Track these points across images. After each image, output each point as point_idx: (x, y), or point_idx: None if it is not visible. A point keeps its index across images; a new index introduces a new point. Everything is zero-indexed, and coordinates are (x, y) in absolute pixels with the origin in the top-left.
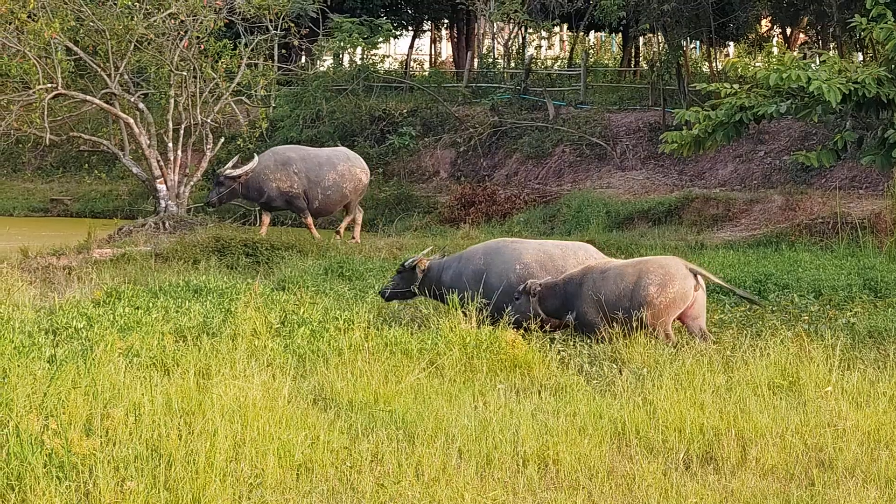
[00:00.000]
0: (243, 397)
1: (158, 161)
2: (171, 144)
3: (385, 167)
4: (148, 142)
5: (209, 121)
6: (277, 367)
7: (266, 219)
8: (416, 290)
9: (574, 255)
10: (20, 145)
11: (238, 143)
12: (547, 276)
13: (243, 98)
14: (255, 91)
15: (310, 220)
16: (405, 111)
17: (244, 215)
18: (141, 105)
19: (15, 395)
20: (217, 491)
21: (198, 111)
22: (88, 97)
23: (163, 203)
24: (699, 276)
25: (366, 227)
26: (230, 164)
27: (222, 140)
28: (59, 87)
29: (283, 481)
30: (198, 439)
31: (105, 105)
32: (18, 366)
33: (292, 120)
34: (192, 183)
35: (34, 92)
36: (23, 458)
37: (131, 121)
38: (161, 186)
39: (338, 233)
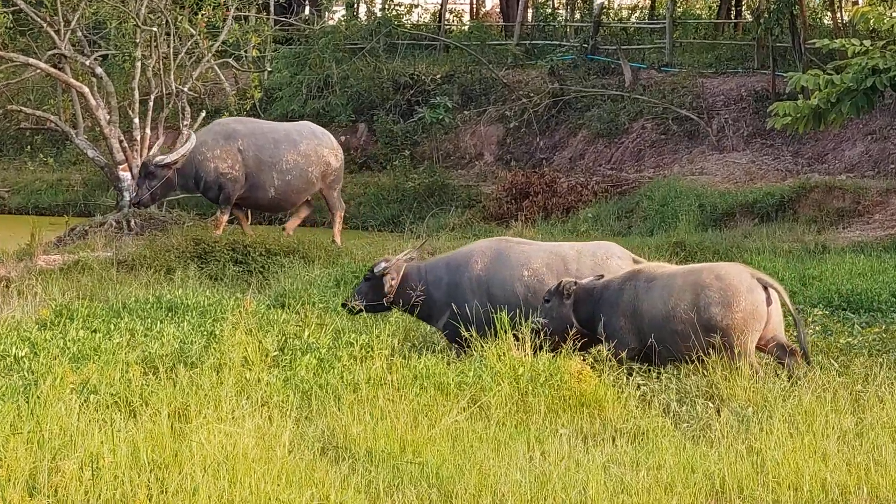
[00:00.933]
0: (231, 446)
1: (121, 142)
2: (137, 120)
3: (413, 148)
4: (108, 117)
5: (186, 90)
6: (275, 406)
7: (224, 217)
8: (389, 304)
9: (592, 258)
10: None
11: (224, 115)
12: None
13: (230, 61)
14: (246, 52)
15: (226, 216)
16: (439, 77)
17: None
18: (98, 70)
19: None
20: None
21: (172, 77)
22: (31, 60)
23: (127, 196)
24: (770, 288)
25: (389, 225)
26: (155, 148)
27: (203, 114)
28: None
29: None
30: (173, 500)
31: (52, 70)
32: None
33: (293, 88)
34: None
35: None
36: None
37: (86, 90)
38: (124, 174)
39: (284, 230)
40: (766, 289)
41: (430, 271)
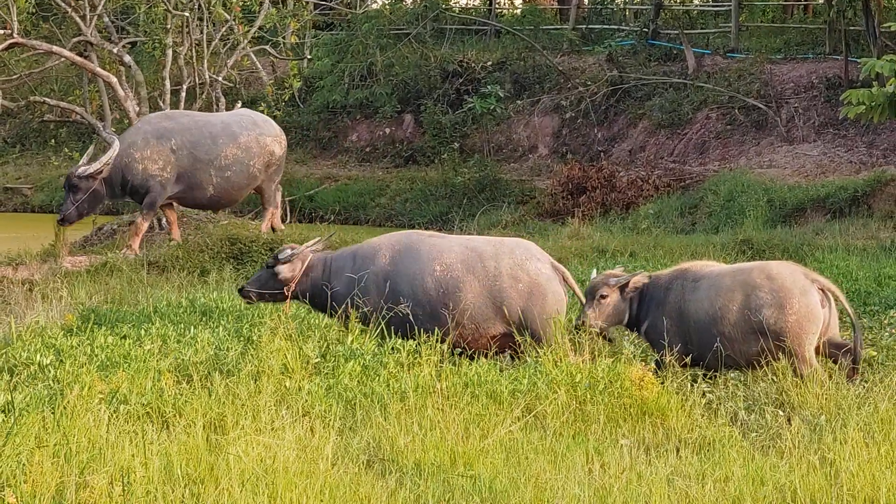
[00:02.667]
0: (270, 459)
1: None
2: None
3: (462, 141)
4: (137, 108)
5: (221, 79)
6: (317, 416)
7: (144, 224)
8: (290, 293)
9: (510, 256)
10: None
11: (261, 108)
12: (474, 281)
13: (267, 48)
14: (284, 38)
15: (146, 224)
16: (490, 64)
17: None
18: (127, 58)
19: None
20: None
21: (205, 66)
22: (55, 48)
23: None
24: (826, 289)
25: (437, 223)
26: (84, 157)
27: (240, 104)
28: (15, 35)
29: None
30: None
31: (78, 58)
32: None
33: (335, 77)
34: None
35: None
36: None
37: (113, 80)
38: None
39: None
40: (821, 290)
41: (335, 262)
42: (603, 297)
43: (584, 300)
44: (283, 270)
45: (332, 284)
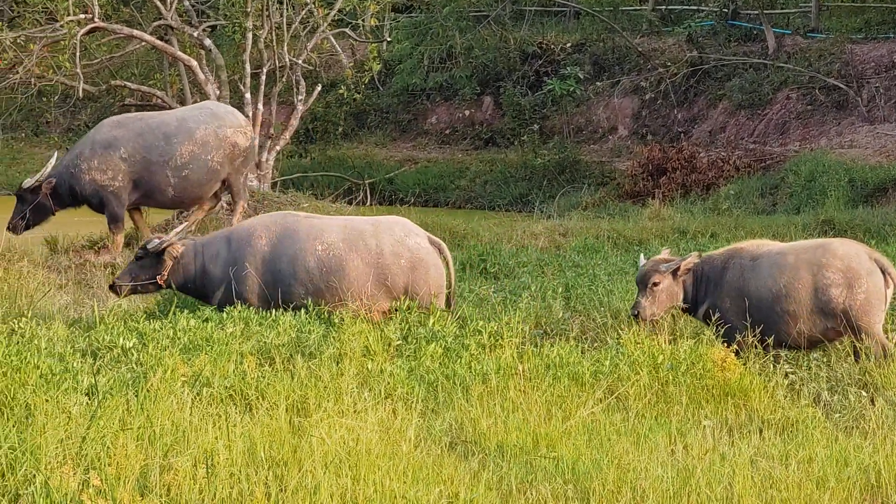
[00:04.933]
0: (353, 441)
1: None
2: (248, 95)
3: (542, 123)
4: (217, 92)
5: (301, 62)
6: (399, 399)
7: (119, 237)
8: (163, 283)
9: (390, 233)
10: (44, 99)
11: (340, 91)
12: (357, 259)
13: (347, 31)
14: (364, 21)
15: (120, 236)
16: (569, 45)
17: (349, 190)
18: (207, 41)
19: (43, 441)
20: None
21: (285, 49)
22: (136, 32)
23: None
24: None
25: (517, 205)
26: (48, 165)
27: (319, 88)
28: (96, 19)
29: None
30: (292, 498)
31: (158, 42)
32: (47, 400)
33: (414, 60)
34: (278, 148)
35: (62, 26)
36: None
37: (194, 63)
38: None
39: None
40: (883, 271)
41: (207, 247)
42: (655, 284)
43: (452, 271)
44: (149, 263)
45: (208, 268)
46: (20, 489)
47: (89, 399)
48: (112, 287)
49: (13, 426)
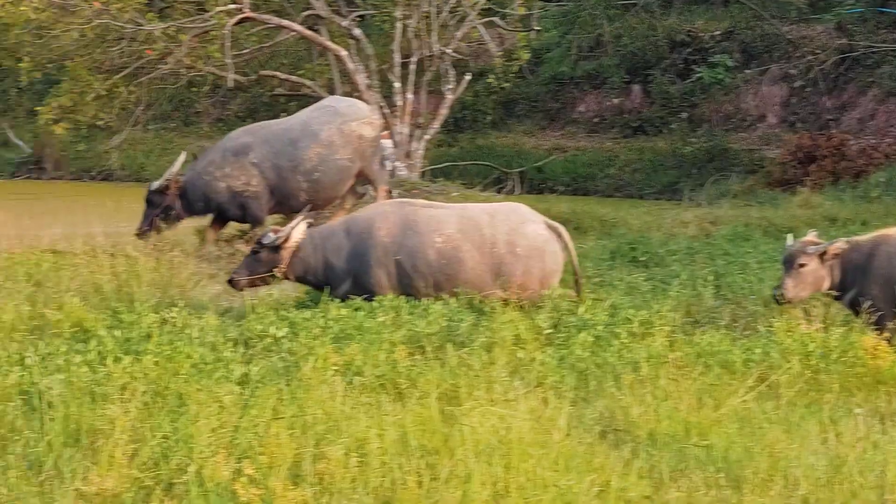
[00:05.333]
0: (505, 430)
1: (381, 107)
2: (397, 85)
3: (691, 110)
4: (367, 81)
5: (449, 51)
6: (550, 387)
7: (212, 234)
8: (281, 275)
9: (506, 222)
10: (194, 89)
11: (489, 80)
12: (473, 250)
13: (496, 20)
14: (512, 9)
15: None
16: (717, 33)
17: (498, 179)
18: (356, 31)
19: (196, 430)
20: None
21: (434, 38)
22: (285, 22)
23: (388, 164)
24: None
25: (667, 193)
26: (172, 168)
27: (468, 77)
28: (246, 9)
29: None
30: (444, 487)
31: (308, 32)
32: (199, 390)
33: (563, 49)
34: (427, 137)
35: (212, 16)
36: None
37: (343, 53)
38: (386, 142)
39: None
40: None
41: (328, 239)
42: (802, 265)
43: (574, 256)
44: (267, 257)
45: (331, 261)
46: (174, 478)
47: (241, 388)
48: (230, 282)
49: (166, 415)
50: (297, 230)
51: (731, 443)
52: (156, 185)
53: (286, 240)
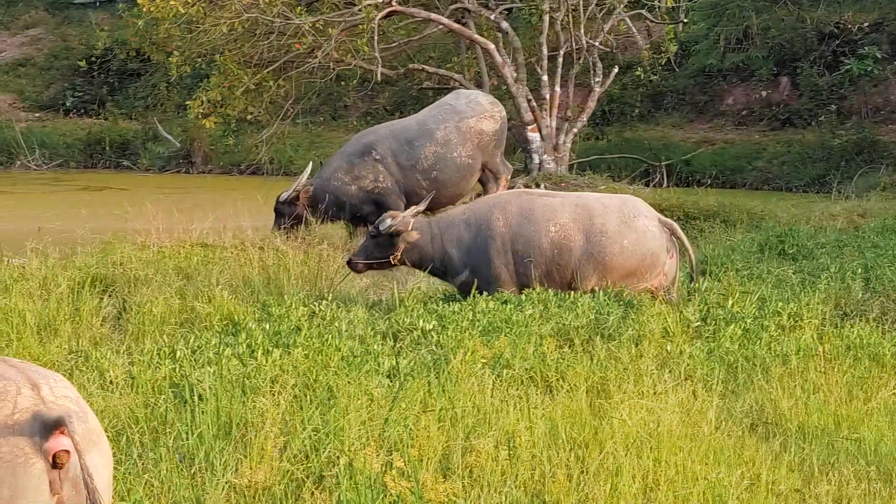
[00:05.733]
0: (654, 423)
1: (529, 101)
2: (545, 78)
3: (839, 103)
4: (514, 75)
5: (597, 44)
6: (699, 380)
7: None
8: (397, 262)
9: (618, 213)
10: (342, 83)
11: (637, 73)
12: (584, 239)
13: (643, 12)
14: (660, 2)
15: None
16: (866, 25)
17: (646, 172)
18: (504, 24)
19: (346, 423)
20: None
21: (582, 31)
22: (433, 16)
23: (536, 158)
24: None
25: (815, 185)
26: (301, 178)
27: (616, 70)
28: (394, 3)
29: None
30: (594, 480)
31: (455, 26)
32: (349, 382)
33: (710, 41)
34: (575, 130)
35: (360, 10)
36: None
37: (491, 46)
38: (533, 135)
39: None
40: None
41: (447, 229)
42: None
43: (691, 252)
44: (402, 240)
45: (448, 250)
46: (324, 470)
47: (391, 381)
48: (349, 263)
49: (316, 408)
50: (411, 216)
51: (881, 436)
52: (284, 195)
53: (403, 227)
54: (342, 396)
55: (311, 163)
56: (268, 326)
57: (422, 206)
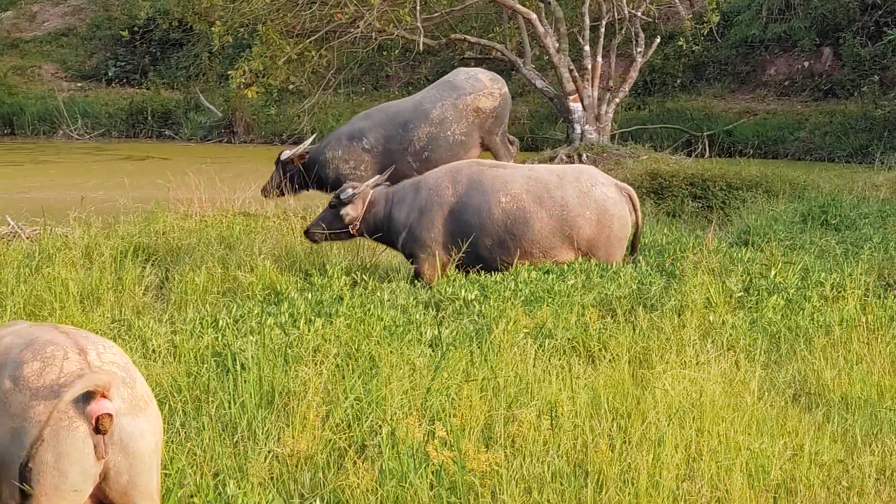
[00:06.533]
0: (697, 393)
1: (571, 71)
2: (587, 48)
3: (882, 73)
4: (556, 45)
5: (639, 14)
6: (741, 350)
7: None
8: (353, 230)
9: (575, 184)
10: (384, 53)
11: (679, 43)
12: (542, 212)
13: None
14: None
15: None
16: None
17: (688, 142)
18: None
19: (388, 392)
20: None
21: (624, 1)
22: None
23: (577, 128)
24: None
25: (857, 156)
26: (303, 146)
27: (658, 40)
28: None
29: None
30: (636, 450)
31: None
32: (391, 352)
33: (753, 11)
34: (617, 100)
35: None
36: (401, 477)
37: (533, 16)
38: (575, 105)
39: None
40: None
41: (396, 193)
42: None
43: (639, 219)
44: (348, 210)
45: (393, 213)
46: (366, 439)
47: (433, 350)
48: (307, 234)
49: (358, 377)
50: (371, 186)
51: None
52: (286, 155)
53: (362, 195)
54: (384, 366)
55: (314, 134)
56: (310, 296)
57: (383, 178)
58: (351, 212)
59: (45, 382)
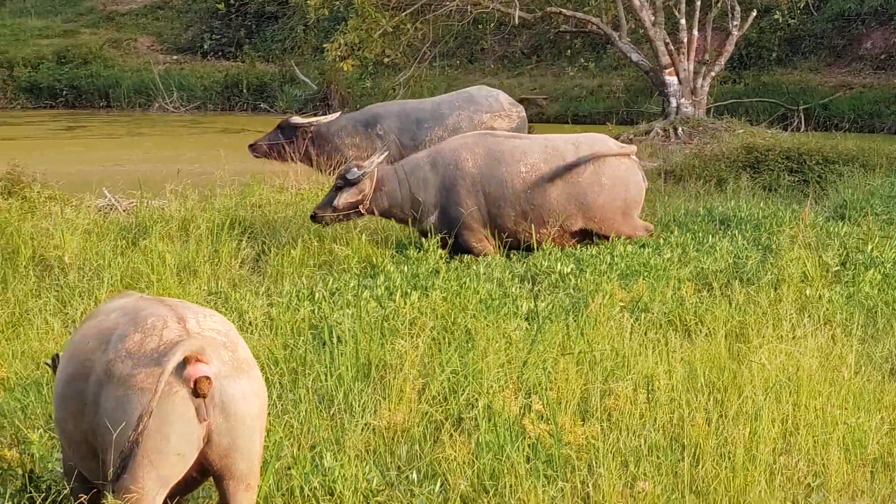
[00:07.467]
0: (793, 367)
1: (667, 44)
2: (683, 21)
3: None
4: (652, 18)
5: None
6: (838, 325)
7: None
8: (365, 210)
9: (589, 151)
10: (479, 26)
11: (775, 17)
12: (560, 181)
13: None
14: None
15: None
16: None
17: (783, 116)
18: None
19: (485, 366)
20: (763, 495)
21: None
22: None
23: (673, 102)
24: None
25: None
26: (321, 119)
27: (754, 14)
28: None
29: (853, 482)
30: (733, 425)
31: None
32: (487, 325)
33: None
34: (712, 74)
35: None
36: (498, 450)
37: None
38: (671, 79)
39: None
40: None
41: (412, 172)
42: None
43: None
44: (357, 190)
45: (416, 195)
46: (463, 412)
47: (529, 324)
48: (314, 218)
49: (454, 350)
50: (378, 164)
51: None
52: (296, 120)
53: (370, 175)
54: (480, 339)
55: (340, 112)
56: (406, 269)
57: (382, 157)
58: (359, 191)
59: (145, 351)
